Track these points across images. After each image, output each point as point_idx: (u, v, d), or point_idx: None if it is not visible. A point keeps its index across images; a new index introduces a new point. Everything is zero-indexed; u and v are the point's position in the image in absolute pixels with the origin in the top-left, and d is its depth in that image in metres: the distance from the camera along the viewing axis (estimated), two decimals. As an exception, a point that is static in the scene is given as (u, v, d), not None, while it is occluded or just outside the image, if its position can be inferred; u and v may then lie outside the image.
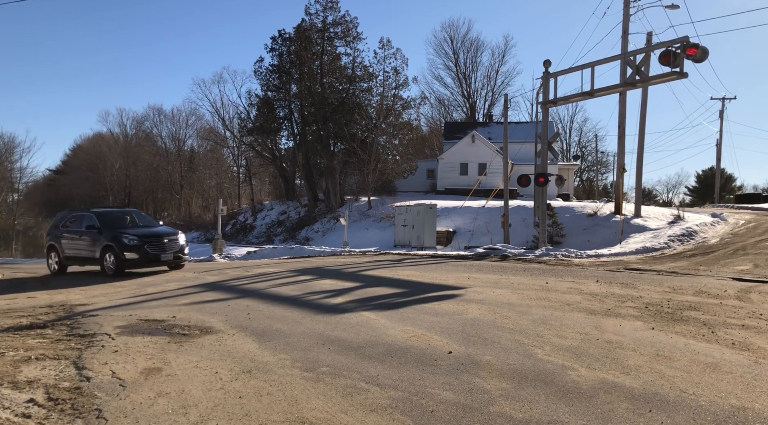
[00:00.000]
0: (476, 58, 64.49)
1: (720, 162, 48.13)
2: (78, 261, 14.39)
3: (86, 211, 15.10)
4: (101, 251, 13.34)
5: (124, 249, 13.06)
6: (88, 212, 14.87)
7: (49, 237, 15.24)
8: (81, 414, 3.62)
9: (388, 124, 40.68)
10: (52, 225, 15.60)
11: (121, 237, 13.29)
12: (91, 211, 14.95)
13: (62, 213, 16.06)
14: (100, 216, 14.42)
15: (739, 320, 6.18)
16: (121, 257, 12.98)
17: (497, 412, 3.52)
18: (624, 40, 21.37)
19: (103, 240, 13.38)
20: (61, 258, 14.54)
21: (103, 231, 13.67)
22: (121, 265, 13.04)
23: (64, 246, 14.45)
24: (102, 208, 16.42)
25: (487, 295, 8.11)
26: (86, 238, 13.93)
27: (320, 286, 9.71)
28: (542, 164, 18.18)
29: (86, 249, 13.86)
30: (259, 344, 5.36)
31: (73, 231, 14.43)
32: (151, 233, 13.95)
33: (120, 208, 16.38)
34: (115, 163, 71.10)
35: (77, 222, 14.64)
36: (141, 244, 13.28)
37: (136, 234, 13.49)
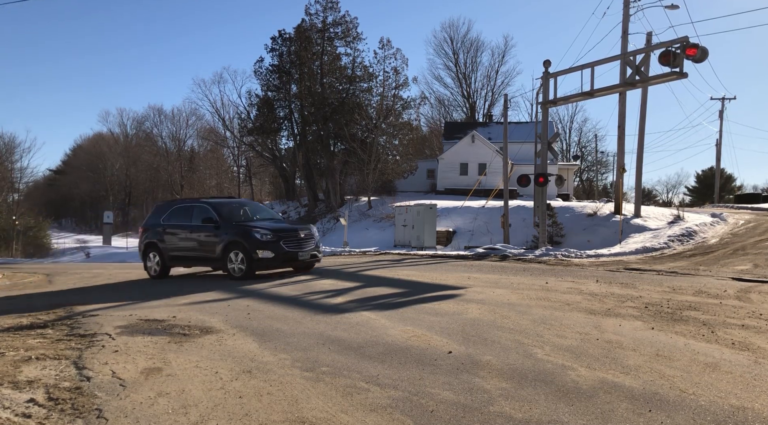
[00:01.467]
0: (476, 58, 64.53)
1: (720, 162, 48.13)
2: (188, 261, 12.34)
3: (195, 202, 12.85)
4: (224, 249, 11.23)
5: (256, 246, 10.89)
6: (200, 203, 12.57)
7: (146, 234, 12.84)
8: (81, 413, 3.62)
9: (388, 124, 40.67)
10: (149, 219, 13.22)
11: (251, 231, 11.08)
12: (204, 201, 12.63)
13: (160, 204, 13.80)
14: (217, 207, 12.11)
15: (739, 320, 6.18)
16: (253, 256, 10.88)
17: (497, 412, 3.52)
18: (624, 40, 21.37)
19: (226, 236, 11.25)
20: (164, 259, 12.29)
21: (223, 225, 11.49)
22: (253, 266, 10.97)
23: (169, 244, 12.24)
24: (213, 198, 13.81)
25: (487, 295, 8.11)
26: (201, 234, 11.75)
27: (320, 286, 9.71)
28: (542, 164, 18.18)
29: (201, 247, 11.75)
30: (259, 344, 5.37)
31: (182, 227, 12.14)
32: (285, 227, 11.80)
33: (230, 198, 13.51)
34: (115, 163, 71.14)
35: (184, 214, 12.37)
36: (276, 240, 11.07)
37: (268, 229, 11.26)
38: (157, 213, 12.98)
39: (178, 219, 12.35)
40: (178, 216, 12.42)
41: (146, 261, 12.65)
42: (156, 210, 13.33)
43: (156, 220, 12.75)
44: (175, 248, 12.15)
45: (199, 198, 14.12)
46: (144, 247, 12.75)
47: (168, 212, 12.67)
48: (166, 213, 12.66)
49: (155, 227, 12.60)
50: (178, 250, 12.10)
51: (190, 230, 11.96)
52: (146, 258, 12.63)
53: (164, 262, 12.30)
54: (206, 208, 12.04)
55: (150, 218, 13.21)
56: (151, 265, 12.50)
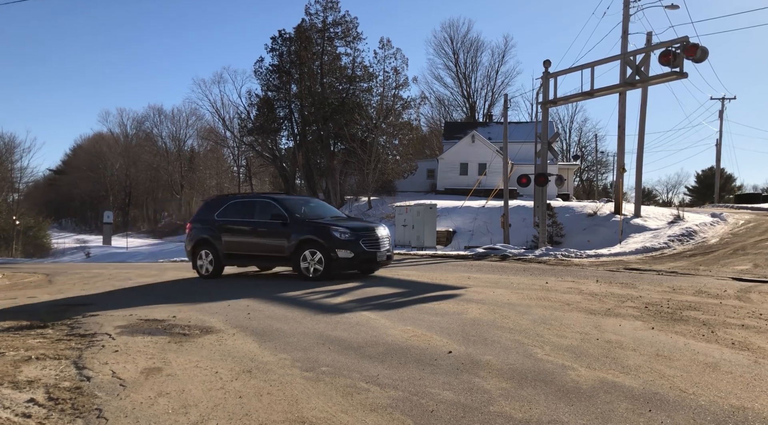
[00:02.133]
0: (476, 58, 64.59)
1: (720, 162, 48.15)
2: (249, 260, 11.63)
3: (256, 197, 12.08)
4: (296, 248, 10.48)
5: (336, 245, 10.17)
6: (263, 198, 11.73)
7: (196, 230, 11.98)
8: (81, 413, 3.62)
9: (388, 124, 40.69)
10: (199, 215, 12.34)
11: (329, 229, 10.37)
12: (269, 196, 11.79)
13: (212, 199, 12.94)
14: (284, 203, 11.33)
15: (739, 320, 6.18)
16: (331, 255, 10.17)
17: (497, 412, 3.52)
18: (624, 40, 21.37)
19: (299, 234, 10.50)
20: (219, 257, 11.52)
21: (293, 222, 10.77)
22: (331, 266, 10.23)
23: (227, 241, 11.42)
24: (276, 193, 12.89)
25: (487, 295, 8.12)
26: (267, 231, 10.99)
27: (320, 286, 9.71)
28: (542, 164, 18.18)
29: (267, 245, 11.04)
30: (259, 344, 5.37)
31: (243, 223, 11.42)
32: (363, 226, 11.01)
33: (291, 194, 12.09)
34: (115, 162, 71.16)
35: (244, 210, 11.62)
36: (355, 239, 10.34)
37: (347, 227, 10.52)
38: (209, 209, 12.17)
39: (237, 216, 11.59)
40: (237, 213, 11.66)
41: (196, 260, 11.83)
42: (207, 205, 12.55)
43: (208, 216, 11.93)
44: (233, 246, 11.38)
45: (258, 193, 13.23)
46: (194, 245, 11.87)
47: (223, 208, 11.86)
48: (221, 209, 11.85)
49: (208, 223, 11.80)
50: (237, 248, 11.36)
51: (252, 227, 11.26)
52: (197, 256, 11.80)
53: (219, 261, 11.57)
54: (272, 203, 11.29)
55: (200, 214, 12.37)
56: (203, 264, 11.71)
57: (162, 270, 14.99)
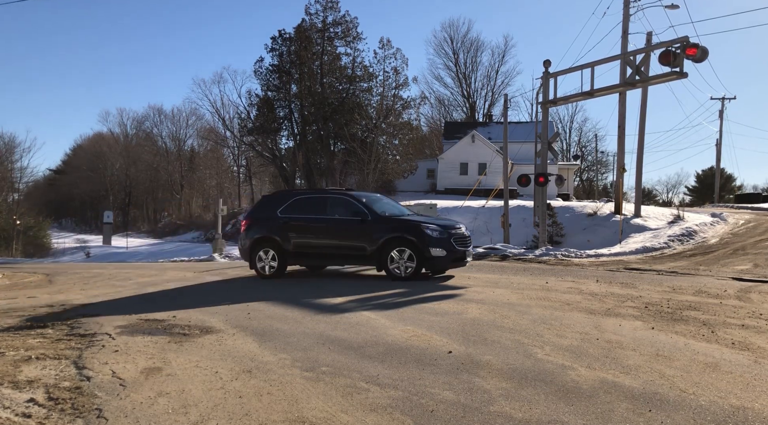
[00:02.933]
0: (476, 58, 64.61)
1: (720, 162, 48.17)
2: (320, 259, 11.16)
3: (326, 193, 11.48)
4: (382, 246, 10.01)
5: (429, 243, 9.77)
6: (339, 194, 11.22)
7: (255, 227, 11.25)
8: (81, 413, 3.62)
9: (388, 124, 40.71)
10: (257, 212, 11.66)
11: (421, 226, 9.97)
12: (344, 192, 11.31)
13: (272, 195, 12.35)
14: (361, 199, 10.86)
15: (739, 320, 6.18)
16: (425, 254, 9.78)
17: (497, 412, 3.52)
18: (624, 40, 21.38)
19: (383, 232, 10.05)
20: (285, 256, 10.88)
21: (375, 219, 10.32)
22: (424, 265, 9.90)
23: (295, 239, 10.80)
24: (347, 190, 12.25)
25: (487, 295, 8.12)
26: (344, 228, 10.50)
27: (320, 286, 9.71)
28: (542, 164, 18.18)
29: (345, 243, 10.51)
30: (259, 344, 5.37)
31: (313, 220, 10.84)
32: (449, 224, 10.54)
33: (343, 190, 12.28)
34: (115, 162, 71.15)
35: (314, 207, 11.03)
36: (447, 237, 9.96)
37: (437, 224, 10.19)
38: (270, 205, 11.48)
39: (306, 212, 10.94)
40: (305, 209, 11.02)
41: (255, 259, 11.05)
42: (266, 201, 11.88)
43: (269, 212, 11.23)
44: (302, 244, 10.78)
45: (326, 189, 12.69)
46: (253, 243, 11.12)
47: (287, 204, 11.18)
48: (285, 205, 11.15)
49: (270, 220, 11.10)
50: (306, 247, 10.78)
51: (326, 224, 10.70)
52: (256, 255, 11.04)
53: (284, 260, 10.91)
54: (350, 200, 10.77)
55: (259, 210, 11.67)
56: (264, 263, 10.96)
57: (162, 270, 14.99)
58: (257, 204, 12.20)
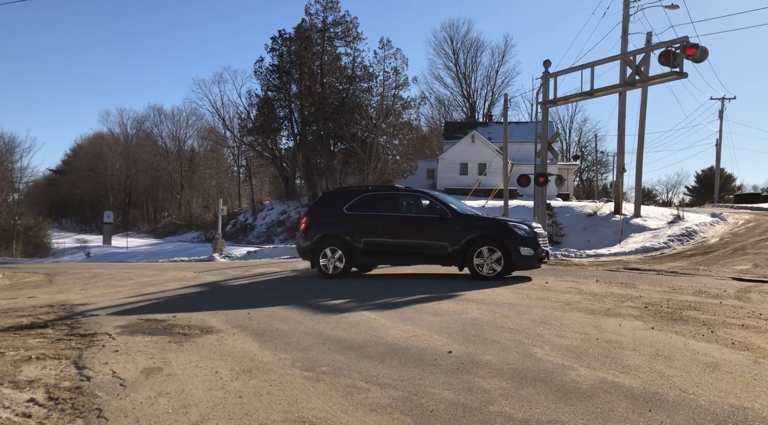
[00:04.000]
0: (476, 58, 64.66)
1: (719, 162, 48.17)
2: (394, 258, 10.72)
3: (401, 190, 11.15)
4: (466, 245, 9.79)
5: (519, 242, 9.65)
6: (414, 191, 11.02)
7: (319, 224, 10.83)
8: (81, 413, 3.62)
9: (388, 124, 40.72)
10: (319, 208, 11.28)
11: (510, 225, 9.88)
12: (421, 190, 11.07)
13: (335, 191, 11.96)
14: (439, 197, 10.70)
15: (739, 320, 6.18)
16: (514, 254, 9.58)
17: (497, 412, 3.53)
18: (624, 40, 21.38)
19: (468, 231, 9.84)
20: (354, 254, 10.54)
21: (454, 217, 10.07)
22: (513, 265, 9.67)
23: (366, 236, 10.44)
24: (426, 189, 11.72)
25: (487, 295, 8.12)
26: (422, 227, 10.25)
27: (320, 286, 9.71)
28: (542, 164, 18.19)
29: (424, 241, 10.22)
30: (259, 343, 5.37)
31: (389, 218, 10.50)
32: (531, 223, 10.40)
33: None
34: (115, 162, 71.14)
35: (387, 204, 10.73)
36: (534, 236, 9.90)
37: (524, 223, 10.13)
38: (333, 202, 11.08)
39: (376, 209, 10.62)
40: (374, 206, 10.67)
41: (319, 258, 10.60)
42: (329, 197, 11.62)
43: (334, 209, 10.82)
44: (375, 242, 10.42)
45: (395, 186, 12.30)
46: (316, 241, 10.68)
47: (354, 200, 10.74)
48: (352, 202, 10.73)
49: (335, 217, 10.70)
50: (380, 245, 10.43)
51: (401, 222, 10.42)
52: (320, 253, 10.60)
53: (352, 259, 10.54)
54: (428, 198, 10.60)
55: (321, 206, 11.29)
56: (329, 262, 10.54)
57: (162, 270, 14.99)
58: (318, 200, 11.87)
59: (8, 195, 54.59)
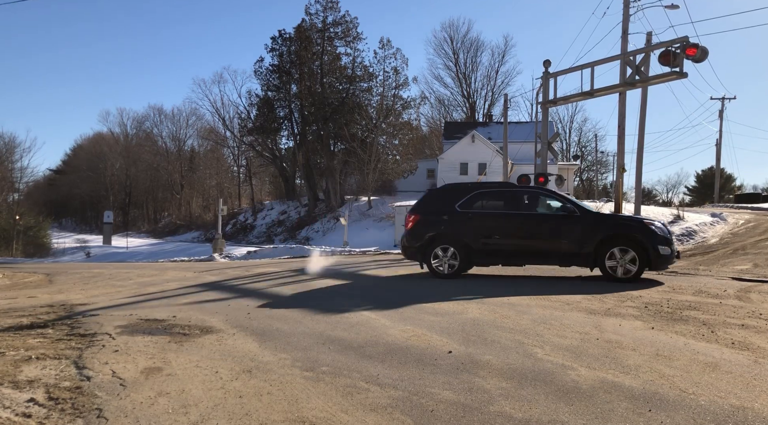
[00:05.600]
0: (476, 58, 64.65)
1: (720, 162, 48.18)
2: (515, 258, 10.14)
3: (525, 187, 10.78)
4: (598, 244, 9.38)
5: (658, 241, 9.25)
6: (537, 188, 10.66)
7: (429, 223, 10.40)
8: (81, 413, 3.62)
9: (388, 124, 40.73)
10: (430, 206, 10.75)
11: (646, 224, 9.56)
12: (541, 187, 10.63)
13: (445, 188, 11.20)
14: (561, 195, 10.37)
15: (739, 320, 6.18)
16: (653, 253, 9.17)
17: (497, 412, 3.52)
18: (624, 40, 21.35)
19: (600, 230, 9.46)
20: (469, 254, 10.09)
21: (583, 216, 9.70)
22: (652, 265, 9.29)
23: (482, 235, 10.04)
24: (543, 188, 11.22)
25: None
26: (547, 226, 9.89)
27: (320, 286, 9.71)
28: (542, 164, 18.19)
29: (548, 241, 9.83)
30: (259, 343, 5.37)
31: (511, 216, 10.05)
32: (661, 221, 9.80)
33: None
34: (115, 162, 71.15)
35: (506, 202, 10.28)
36: (669, 235, 9.62)
37: (658, 221, 9.76)
38: (443, 199, 10.62)
39: (494, 207, 10.27)
40: (492, 204, 10.33)
41: (431, 257, 10.20)
42: (438, 195, 11.08)
43: (445, 207, 10.34)
44: (493, 242, 10.01)
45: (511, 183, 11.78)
46: (427, 241, 10.25)
47: (467, 198, 10.27)
48: (464, 200, 10.26)
49: (447, 215, 10.24)
50: (499, 244, 10.02)
51: (525, 220, 9.98)
52: (431, 253, 10.18)
53: (467, 259, 10.11)
54: (551, 195, 10.24)
55: (430, 204, 10.79)
56: (442, 262, 10.12)
57: (162, 270, 15.00)
58: (425, 198, 11.25)
59: (8, 195, 54.60)
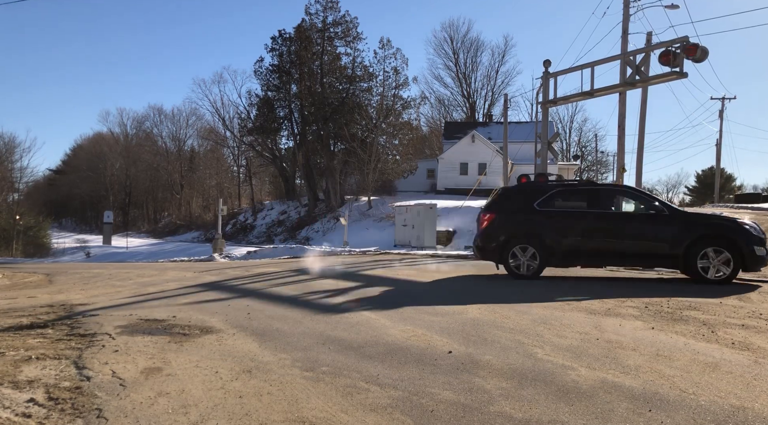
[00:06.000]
0: (476, 58, 64.70)
1: (720, 162, 48.16)
2: (600, 259, 9.86)
3: (609, 185, 10.29)
4: (688, 245, 9.05)
5: (753, 241, 8.96)
6: (623, 186, 10.46)
7: (506, 221, 10.19)
8: (81, 413, 3.62)
9: (388, 123, 40.72)
10: (506, 204, 10.50)
11: (738, 222, 9.29)
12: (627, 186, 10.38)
13: (522, 186, 10.80)
14: (647, 194, 10.26)
15: (739, 320, 6.18)
16: (748, 254, 8.88)
17: (497, 412, 3.52)
18: (624, 40, 21.35)
19: (691, 230, 9.18)
20: (549, 253, 9.78)
21: (672, 215, 9.46)
22: (742, 266, 8.97)
23: (563, 235, 9.76)
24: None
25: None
26: (635, 225, 9.62)
27: (320, 286, 9.71)
28: (542, 164, 18.18)
29: (635, 241, 9.51)
30: (259, 344, 5.37)
31: (597, 215, 9.74)
32: (753, 221, 9.79)
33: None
34: (115, 162, 71.14)
35: (590, 199, 9.97)
36: (763, 235, 9.26)
37: (751, 220, 9.57)
38: (520, 197, 10.35)
39: (576, 206, 9.98)
40: (573, 202, 10.06)
41: (508, 257, 9.92)
42: (514, 193, 10.75)
43: (522, 205, 10.13)
44: (576, 242, 9.71)
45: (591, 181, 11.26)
46: (505, 240, 9.97)
47: (546, 196, 10.05)
48: (543, 198, 10.03)
49: (524, 214, 10.04)
50: (581, 244, 9.71)
51: (611, 220, 9.74)
52: (508, 252, 9.91)
53: (547, 259, 9.82)
54: (637, 194, 10.03)
55: (507, 202, 10.50)
56: (520, 262, 9.84)
57: (162, 270, 14.99)
58: (500, 196, 10.96)
59: (8, 195, 54.59)
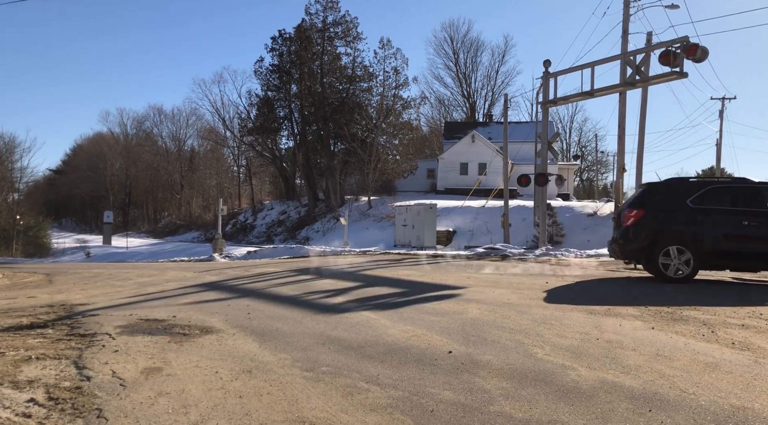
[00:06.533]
0: (476, 58, 64.65)
1: (720, 162, 48.09)
2: (756, 262, 9.34)
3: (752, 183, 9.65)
4: None
5: None
6: None
7: (656, 219, 9.55)
8: (81, 413, 3.62)
9: (388, 123, 40.71)
10: (656, 201, 9.79)
11: None
12: None
13: (671, 183, 10.23)
14: None
15: (739, 320, 6.18)
16: None
17: (497, 412, 3.52)
18: (624, 40, 21.35)
19: None
20: (703, 255, 9.18)
21: None
22: None
23: (720, 234, 9.21)
24: None
25: (487, 295, 8.12)
26: None
27: (320, 286, 9.71)
28: (542, 164, 18.19)
29: None
30: (259, 344, 5.37)
31: (755, 214, 9.14)
32: None
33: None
34: (115, 162, 71.13)
35: (750, 198, 9.34)
36: None
37: None
38: (670, 194, 9.74)
39: (735, 204, 9.35)
40: (731, 201, 9.41)
41: (658, 257, 9.32)
42: (664, 189, 10.03)
43: (674, 203, 9.54)
44: (733, 243, 9.21)
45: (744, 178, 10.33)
46: (654, 239, 9.40)
47: (699, 193, 9.42)
48: (696, 195, 9.40)
49: (676, 212, 9.44)
50: (742, 246, 9.20)
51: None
52: (659, 253, 9.31)
53: (699, 260, 9.21)
54: None
55: (656, 199, 9.83)
56: (672, 264, 9.23)
57: (162, 270, 14.99)
58: (647, 193, 10.23)
59: (8, 195, 54.56)
